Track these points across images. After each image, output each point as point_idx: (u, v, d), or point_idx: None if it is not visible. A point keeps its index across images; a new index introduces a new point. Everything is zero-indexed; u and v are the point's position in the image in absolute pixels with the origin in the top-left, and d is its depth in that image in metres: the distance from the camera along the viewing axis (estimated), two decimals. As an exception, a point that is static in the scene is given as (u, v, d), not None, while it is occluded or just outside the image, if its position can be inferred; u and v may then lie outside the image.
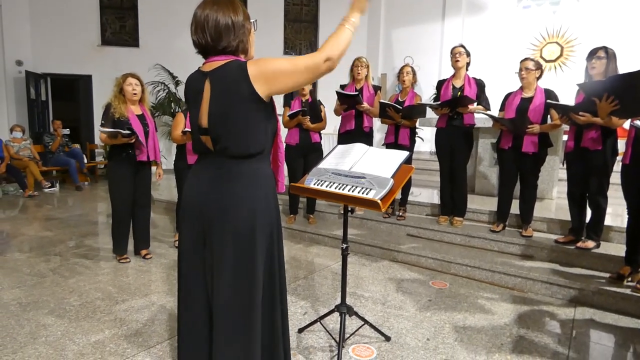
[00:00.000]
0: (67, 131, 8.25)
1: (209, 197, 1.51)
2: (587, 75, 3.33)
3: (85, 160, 8.51)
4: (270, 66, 1.41)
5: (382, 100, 4.21)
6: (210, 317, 1.57)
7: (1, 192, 7.17)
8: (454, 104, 3.94)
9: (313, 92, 4.62)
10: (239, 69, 1.42)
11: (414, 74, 4.39)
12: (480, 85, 4.02)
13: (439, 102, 4.02)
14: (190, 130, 4.05)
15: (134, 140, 3.50)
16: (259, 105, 1.45)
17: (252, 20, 1.56)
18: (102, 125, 3.49)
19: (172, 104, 9.42)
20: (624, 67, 3.15)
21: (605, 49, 3.20)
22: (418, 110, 4.20)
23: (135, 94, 3.58)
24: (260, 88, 1.43)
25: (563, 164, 3.56)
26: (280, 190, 1.71)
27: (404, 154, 2.18)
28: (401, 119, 4.21)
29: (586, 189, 3.38)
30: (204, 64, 1.54)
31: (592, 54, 3.24)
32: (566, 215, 3.72)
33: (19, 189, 7.26)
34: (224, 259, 1.49)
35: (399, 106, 4.14)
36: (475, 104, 3.97)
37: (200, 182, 1.56)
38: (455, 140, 4.06)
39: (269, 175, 1.59)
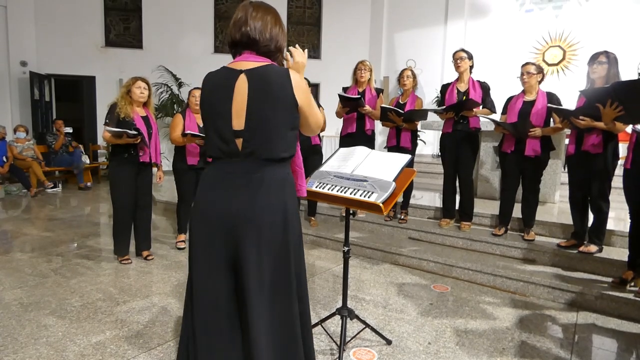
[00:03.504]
0: (69, 129, 8.31)
1: (239, 201, 1.46)
2: (589, 80, 3.32)
3: (88, 161, 8.53)
4: (309, 92, 1.58)
5: (383, 105, 4.21)
6: (231, 320, 1.52)
7: (4, 192, 7.19)
8: (460, 107, 3.94)
9: (313, 94, 4.62)
10: (283, 75, 1.47)
11: (415, 77, 4.39)
12: (485, 88, 4.02)
13: (444, 107, 4.01)
14: (191, 132, 4.05)
15: (138, 141, 3.51)
16: (295, 112, 1.52)
17: None
18: (107, 123, 3.51)
19: (175, 106, 9.44)
20: (626, 71, 3.15)
21: (606, 53, 3.19)
22: (420, 114, 4.19)
23: (142, 96, 3.63)
24: (299, 97, 1.50)
25: (564, 168, 3.55)
26: (302, 195, 1.72)
27: (406, 157, 2.18)
28: (403, 123, 4.21)
29: (588, 192, 3.37)
30: (232, 62, 1.54)
31: (594, 58, 3.23)
32: (568, 219, 3.71)
33: (21, 189, 7.29)
34: (259, 265, 1.47)
35: (400, 110, 4.13)
36: (481, 107, 3.97)
37: (227, 187, 1.49)
38: (461, 145, 4.05)
39: (292, 179, 1.62)
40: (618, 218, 4.22)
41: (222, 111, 1.49)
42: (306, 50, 1.73)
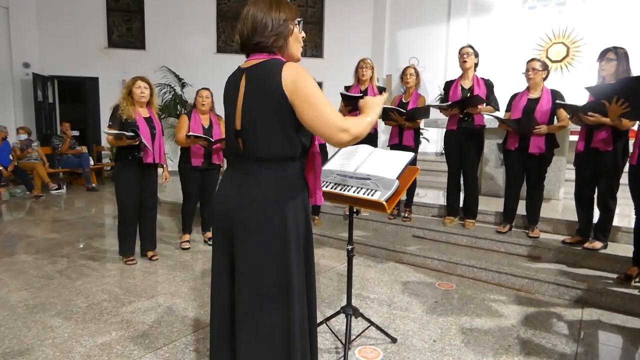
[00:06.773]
0: (75, 132, 8.37)
1: (235, 201, 1.47)
2: (599, 77, 3.26)
3: (92, 162, 8.57)
4: (306, 83, 1.36)
5: (384, 106, 4.18)
6: (232, 320, 1.53)
7: (8, 194, 7.23)
8: (464, 104, 3.92)
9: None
10: (274, 67, 1.38)
11: (417, 75, 4.37)
12: (489, 85, 4.00)
13: (449, 103, 4.00)
14: (194, 134, 4.06)
15: (138, 142, 3.51)
16: (286, 108, 1.38)
17: (297, 20, 1.50)
18: (110, 126, 3.52)
19: (178, 106, 9.46)
20: (632, 67, 3.11)
21: (615, 49, 3.12)
22: (422, 112, 4.18)
23: (143, 96, 3.61)
24: (287, 90, 1.37)
25: (574, 164, 3.52)
26: (318, 203, 1.65)
27: (409, 155, 2.18)
28: (405, 122, 4.19)
29: (595, 189, 3.35)
30: (245, 62, 1.51)
31: (602, 55, 3.17)
32: (573, 216, 3.69)
33: (25, 191, 7.32)
34: (247, 264, 1.46)
35: (402, 109, 4.12)
36: (485, 104, 3.95)
37: (228, 186, 1.52)
38: (466, 142, 4.03)
39: (295, 183, 1.50)
40: (623, 214, 4.20)
41: (230, 112, 1.51)
42: (386, 93, 1.69)
